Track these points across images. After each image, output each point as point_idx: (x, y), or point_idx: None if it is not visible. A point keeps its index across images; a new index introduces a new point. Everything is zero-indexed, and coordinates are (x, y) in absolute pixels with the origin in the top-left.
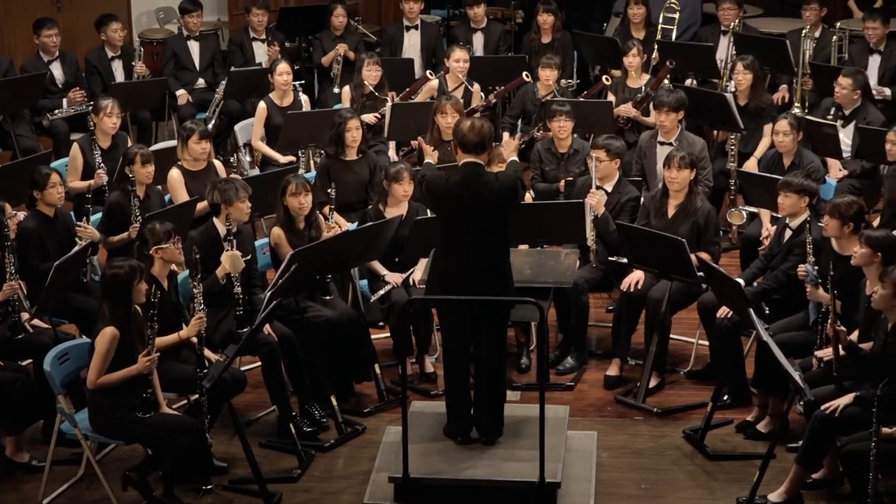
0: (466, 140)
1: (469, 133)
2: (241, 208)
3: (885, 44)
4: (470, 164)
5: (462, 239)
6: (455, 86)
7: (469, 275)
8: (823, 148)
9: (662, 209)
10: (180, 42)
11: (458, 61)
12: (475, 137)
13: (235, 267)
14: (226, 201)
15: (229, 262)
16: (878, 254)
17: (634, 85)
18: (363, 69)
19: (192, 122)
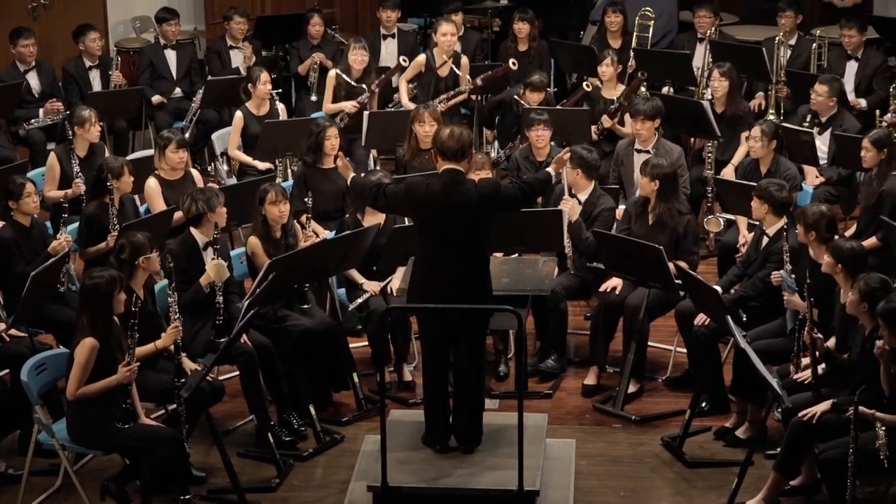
0: (446, 147)
1: (448, 140)
2: (222, 214)
3: (863, 51)
4: (450, 171)
5: (441, 246)
6: (442, 61)
7: (448, 283)
8: (800, 155)
9: (643, 216)
10: (157, 51)
11: (445, 35)
12: (455, 145)
13: (220, 276)
14: (211, 209)
15: (215, 270)
16: (839, 265)
17: (609, 95)
18: (349, 54)
19: (169, 132)
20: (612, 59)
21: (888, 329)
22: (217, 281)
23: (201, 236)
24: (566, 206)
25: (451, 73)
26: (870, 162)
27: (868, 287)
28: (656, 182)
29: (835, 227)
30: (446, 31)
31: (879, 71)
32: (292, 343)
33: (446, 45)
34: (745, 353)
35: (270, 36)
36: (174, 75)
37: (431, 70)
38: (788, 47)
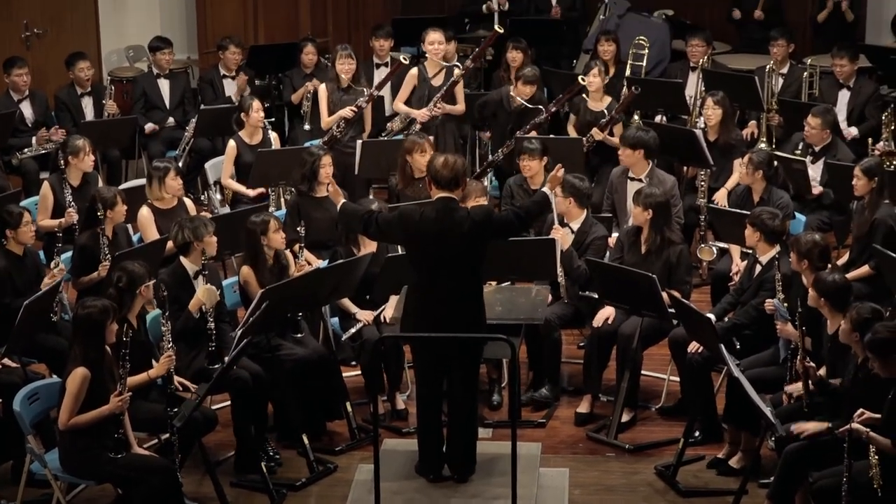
0: (440, 176)
1: (443, 170)
2: (212, 242)
3: (855, 79)
4: (444, 199)
5: (435, 275)
6: (435, 71)
7: (442, 311)
8: (793, 183)
9: (636, 245)
10: (150, 80)
11: (433, 44)
12: (449, 174)
13: (210, 299)
14: (197, 238)
15: (205, 294)
16: (822, 299)
17: (596, 108)
18: (336, 63)
19: (165, 160)
20: (598, 69)
21: (878, 360)
22: (207, 304)
23: (191, 265)
24: (558, 234)
25: (444, 82)
26: (861, 190)
27: (860, 317)
28: (650, 211)
29: (828, 256)
30: (433, 39)
31: (872, 99)
32: (285, 372)
33: (435, 54)
34: (738, 381)
35: (264, 65)
36: (167, 104)
37: (425, 81)
38: (780, 76)
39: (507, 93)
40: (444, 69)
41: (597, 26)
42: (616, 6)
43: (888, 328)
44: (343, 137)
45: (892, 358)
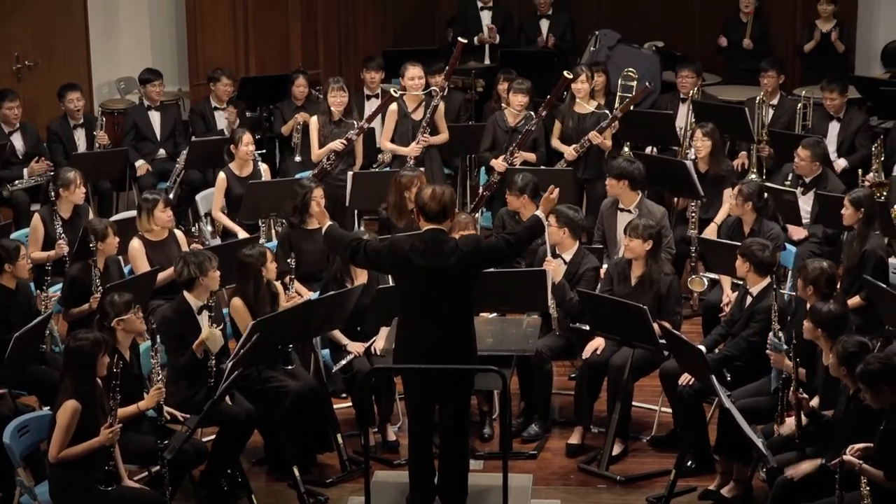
0: (428, 209)
1: (430, 202)
2: (215, 278)
3: (845, 111)
4: (432, 231)
5: (425, 306)
6: (414, 105)
7: (433, 343)
8: (783, 215)
9: (626, 276)
10: (141, 112)
11: (412, 79)
12: (437, 206)
13: (215, 344)
14: (203, 273)
15: (210, 338)
16: (819, 329)
17: (583, 111)
18: (328, 95)
19: (155, 192)
20: (586, 74)
21: (869, 391)
22: (212, 349)
23: (195, 300)
24: (550, 266)
25: (425, 115)
26: (849, 221)
27: (845, 351)
28: (650, 243)
29: (834, 284)
30: (413, 74)
31: (861, 130)
32: (276, 404)
33: (414, 88)
34: (729, 412)
35: (254, 97)
36: (158, 136)
37: (406, 116)
38: (771, 107)
39: (499, 116)
40: (422, 102)
41: (587, 58)
42: (606, 38)
43: (879, 360)
44: (333, 170)
45: (883, 389)
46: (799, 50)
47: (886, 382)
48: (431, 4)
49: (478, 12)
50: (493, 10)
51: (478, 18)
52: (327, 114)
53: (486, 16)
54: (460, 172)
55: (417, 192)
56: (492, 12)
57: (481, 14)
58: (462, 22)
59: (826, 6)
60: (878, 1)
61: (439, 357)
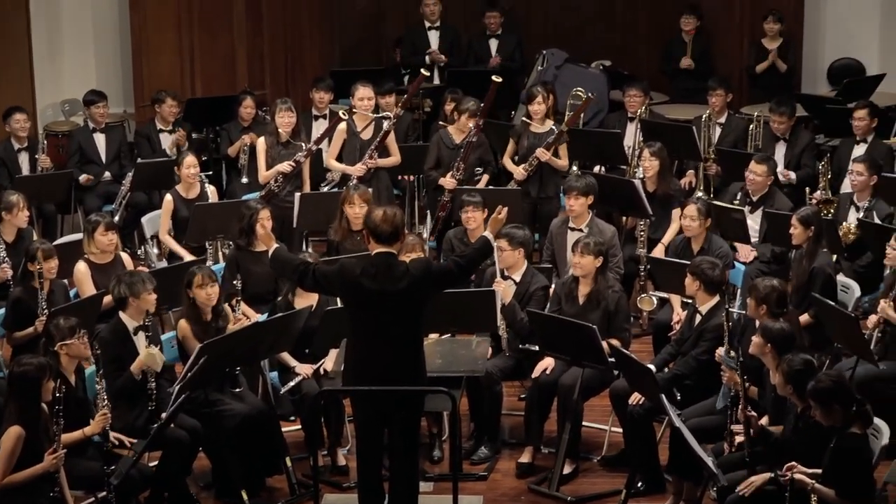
0: (380, 231)
1: (382, 224)
2: (149, 300)
3: (790, 134)
4: (382, 254)
5: (374, 329)
6: (364, 124)
7: (382, 365)
8: (731, 233)
9: (573, 295)
10: (86, 134)
11: (362, 100)
12: (388, 228)
13: (154, 364)
14: (133, 294)
15: (149, 358)
16: (768, 345)
17: (539, 130)
18: (276, 116)
19: (98, 215)
20: (542, 96)
21: (820, 409)
22: (154, 368)
23: (130, 321)
24: (500, 287)
25: (374, 135)
26: (798, 239)
27: (791, 369)
28: (601, 259)
29: (785, 302)
30: (363, 94)
31: (807, 149)
32: (224, 428)
33: (364, 108)
34: (680, 431)
35: (201, 118)
36: (103, 159)
37: (354, 135)
38: (718, 125)
39: (444, 134)
40: (372, 122)
41: (534, 77)
42: (554, 57)
43: (831, 377)
44: (281, 192)
45: (834, 407)
46: (749, 70)
47: (837, 400)
48: (378, 24)
49: (425, 32)
50: (441, 29)
51: (425, 38)
52: (275, 135)
53: (433, 35)
54: (408, 193)
55: (367, 214)
56: (439, 32)
57: (429, 34)
58: (410, 42)
59: (772, 25)
60: (824, 19)
61: (389, 379)
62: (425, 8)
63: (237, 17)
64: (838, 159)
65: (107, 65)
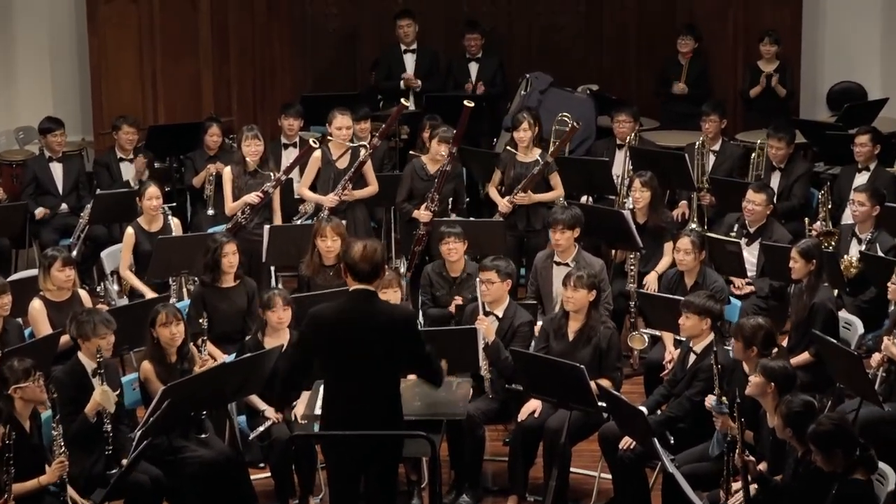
0: (359, 269)
1: (361, 262)
2: (101, 343)
3: (787, 162)
4: (361, 292)
5: (350, 370)
6: (339, 153)
7: (358, 409)
8: (727, 267)
9: (562, 332)
10: (41, 164)
11: (340, 129)
12: (368, 266)
13: (108, 403)
14: (81, 336)
15: (102, 397)
16: (770, 384)
17: (526, 159)
18: (242, 144)
19: (55, 249)
20: (528, 122)
21: (821, 454)
22: (108, 408)
23: (89, 362)
24: (482, 325)
25: (350, 164)
26: (799, 273)
27: (790, 411)
28: (594, 293)
29: (774, 341)
30: (341, 123)
31: (801, 179)
32: (189, 476)
33: (341, 138)
34: (673, 478)
35: (164, 146)
36: (60, 190)
37: (329, 164)
38: (712, 153)
39: (418, 165)
40: (348, 150)
41: (517, 102)
42: (537, 81)
43: (832, 420)
44: (249, 224)
45: (835, 452)
46: (744, 94)
47: (839, 445)
48: (352, 46)
49: (401, 55)
50: (417, 52)
51: (401, 61)
52: (241, 164)
53: (409, 59)
54: (384, 224)
55: (346, 248)
56: (416, 55)
57: (405, 57)
58: (384, 66)
59: (769, 47)
60: (823, 40)
61: (364, 424)
62: (399, 30)
63: (202, 39)
64: (839, 188)
65: (64, 90)
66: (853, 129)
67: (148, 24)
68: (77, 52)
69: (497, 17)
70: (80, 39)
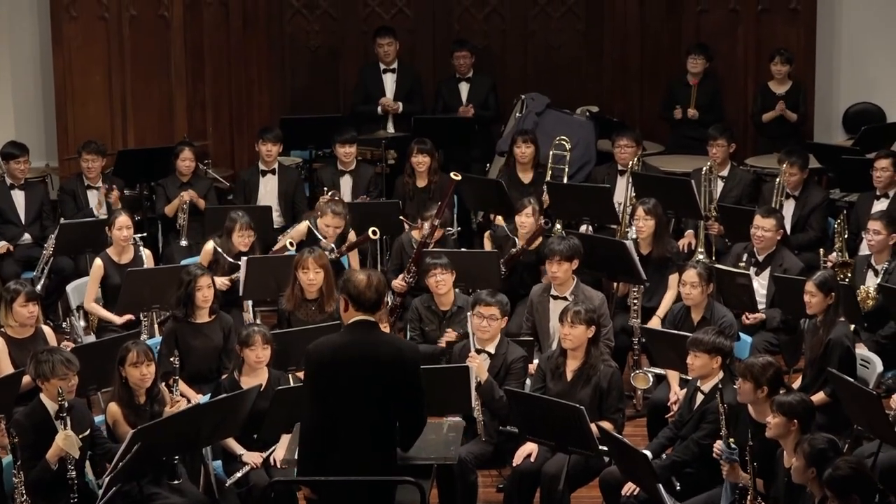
0: (364, 298)
1: (367, 291)
2: (62, 384)
3: (801, 189)
4: (363, 322)
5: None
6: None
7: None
8: (736, 301)
9: (560, 371)
10: (2, 191)
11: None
12: (374, 295)
13: (72, 448)
14: (40, 377)
15: (65, 442)
16: (793, 421)
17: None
18: (235, 233)
19: (17, 283)
20: (532, 208)
21: (837, 499)
22: (72, 454)
23: (52, 403)
24: (475, 363)
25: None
26: (816, 308)
27: (814, 449)
28: (593, 328)
29: (783, 381)
30: (329, 223)
31: (818, 209)
32: None
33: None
34: None
35: (134, 172)
36: (22, 219)
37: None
38: (720, 179)
39: (406, 239)
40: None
41: (512, 125)
42: (534, 103)
43: (850, 464)
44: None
45: (852, 497)
46: (754, 117)
47: (857, 490)
48: (334, 66)
49: (380, 75)
50: (398, 71)
51: (380, 82)
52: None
53: (388, 79)
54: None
55: (346, 279)
56: (395, 75)
57: (384, 77)
58: (362, 87)
59: (780, 66)
60: (838, 60)
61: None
62: (379, 48)
63: (175, 58)
64: (856, 216)
65: (27, 113)
66: (871, 154)
67: (117, 42)
68: (41, 73)
69: (490, 36)
70: (45, 58)
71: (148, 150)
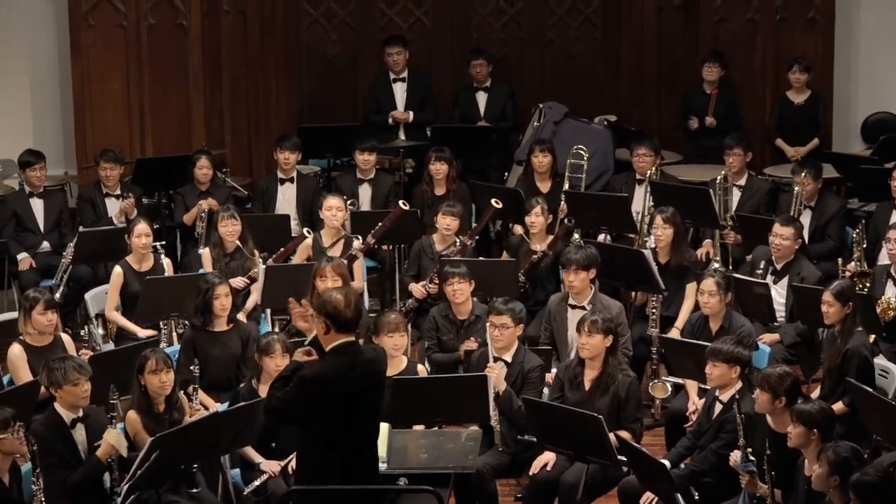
0: (343, 318)
1: (346, 310)
2: (75, 393)
3: (817, 199)
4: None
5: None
6: (333, 240)
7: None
8: (754, 310)
9: (578, 380)
10: (21, 199)
11: (330, 209)
12: (352, 313)
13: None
14: (53, 384)
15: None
16: (814, 431)
17: (538, 248)
18: (218, 226)
19: (36, 291)
20: (541, 207)
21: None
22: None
23: (66, 412)
24: (493, 373)
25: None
26: (833, 318)
27: (838, 457)
28: (610, 338)
29: (800, 391)
30: (331, 204)
31: (835, 218)
32: None
33: (333, 221)
34: None
35: (152, 181)
36: (41, 227)
37: (322, 252)
38: (737, 188)
39: (426, 243)
40: (342, 238)
41: (530, 134)
42: (552, 112)
43: (878, 471)
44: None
45: None
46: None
47: (882, 499)
48: (352, 75)
49: (390, 84)
50: (409, 80)
51: (390, 92)
52: (219, 246)
53: (399, 88)
54: (387, 265)
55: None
56: (406, 84)
57: (394, 86)
58: (374, 97)
59: (798, 75)
60: (856, 69)
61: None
62: (388, 58)
63: (193, 66)
64: (875, 226)
65: (45, 121)
66: (890, 163)
67: (135, 50)
68: (59, 80)
69: (508, 45)
70: (63, 66)
71: (166, 158)
